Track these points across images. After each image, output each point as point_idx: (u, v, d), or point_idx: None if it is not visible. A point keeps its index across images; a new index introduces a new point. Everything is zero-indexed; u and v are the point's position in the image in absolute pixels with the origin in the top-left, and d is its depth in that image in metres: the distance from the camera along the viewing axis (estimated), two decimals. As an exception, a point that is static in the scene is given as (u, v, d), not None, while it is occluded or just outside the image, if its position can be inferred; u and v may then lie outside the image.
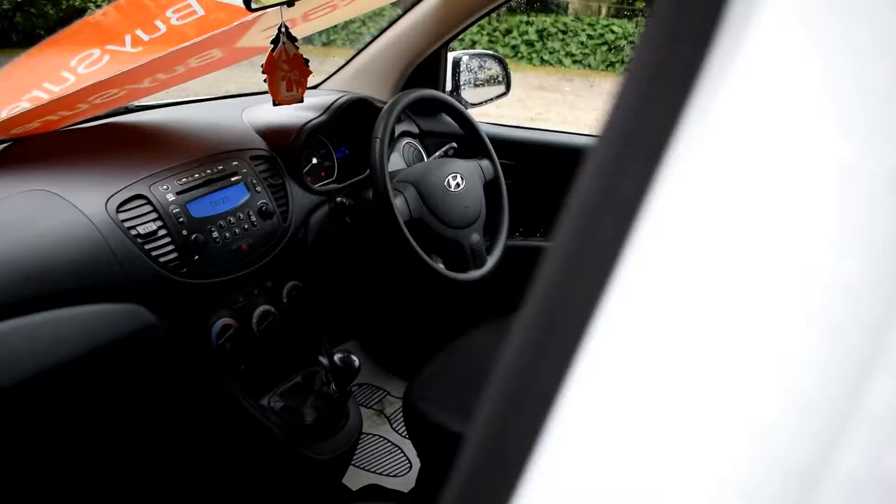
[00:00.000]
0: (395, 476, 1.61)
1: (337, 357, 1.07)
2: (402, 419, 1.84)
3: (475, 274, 1.28)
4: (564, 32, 9.72)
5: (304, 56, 1.15)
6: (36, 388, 0.87)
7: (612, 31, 9.58)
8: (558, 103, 7.95)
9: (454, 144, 1.48)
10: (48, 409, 0.90)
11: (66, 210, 0.97)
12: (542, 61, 9.62)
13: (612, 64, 9.58)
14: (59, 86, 1.16)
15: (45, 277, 0.90)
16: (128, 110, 1.44)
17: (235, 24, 1.11)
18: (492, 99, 1.85)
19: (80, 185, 1.03)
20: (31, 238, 0.91)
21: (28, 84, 1.16)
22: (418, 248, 1.17)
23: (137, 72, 1.17)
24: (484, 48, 4.27)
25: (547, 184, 1.70)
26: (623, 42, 9.52)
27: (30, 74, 1.17)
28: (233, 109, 1.51)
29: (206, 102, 1.53)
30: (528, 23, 9.71)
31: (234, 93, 1.65)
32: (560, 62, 9.62)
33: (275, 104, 1.15)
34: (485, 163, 1.38)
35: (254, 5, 0.92)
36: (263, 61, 1.21)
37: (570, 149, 1.67)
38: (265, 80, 1.10)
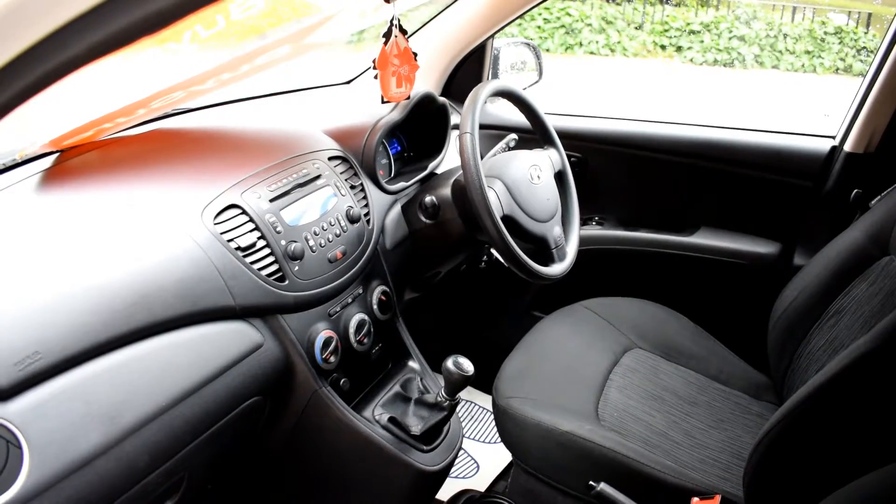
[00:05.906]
0: (465, 478, 1.57)
1: (450, 362, 1.02)
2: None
3: (560, 268, 1.25)
4: (521, 17, 9.72)
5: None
6: (160, 423, 0.80)
7: (569, 14, 9.62)
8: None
9: (515, 136, 1.44)
10: (177, 438, 0.83)
11: (161, 226, 0.90)
12: (501, 46, 9.60)
13: (569, 46, 9.63)
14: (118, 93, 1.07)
15: (152, 302, 0.82)
16: (166, 114, 1.34)
17: (319, 17, 1.05)
18: (526, 87, 1.82)
19: (166, 197, 0.95)
20: (130, 261, 0.83)
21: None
22: (515, 247, 1.13)
23: (204, 73, 1.09)
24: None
25: (603, 172, 1.68)
26: (580, 24, 9.58)
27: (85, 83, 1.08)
28: (290, 108, 1.43)
29: (252, 101, 1.44)
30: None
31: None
32: (519, 47, 9.61)
33: (383, 101, 1.08)
34: (552, 153, 1.35)
35: (393, -3, 0.86)
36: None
37: (624, 137, 1.65)
38: (376, 77, 1.03)
